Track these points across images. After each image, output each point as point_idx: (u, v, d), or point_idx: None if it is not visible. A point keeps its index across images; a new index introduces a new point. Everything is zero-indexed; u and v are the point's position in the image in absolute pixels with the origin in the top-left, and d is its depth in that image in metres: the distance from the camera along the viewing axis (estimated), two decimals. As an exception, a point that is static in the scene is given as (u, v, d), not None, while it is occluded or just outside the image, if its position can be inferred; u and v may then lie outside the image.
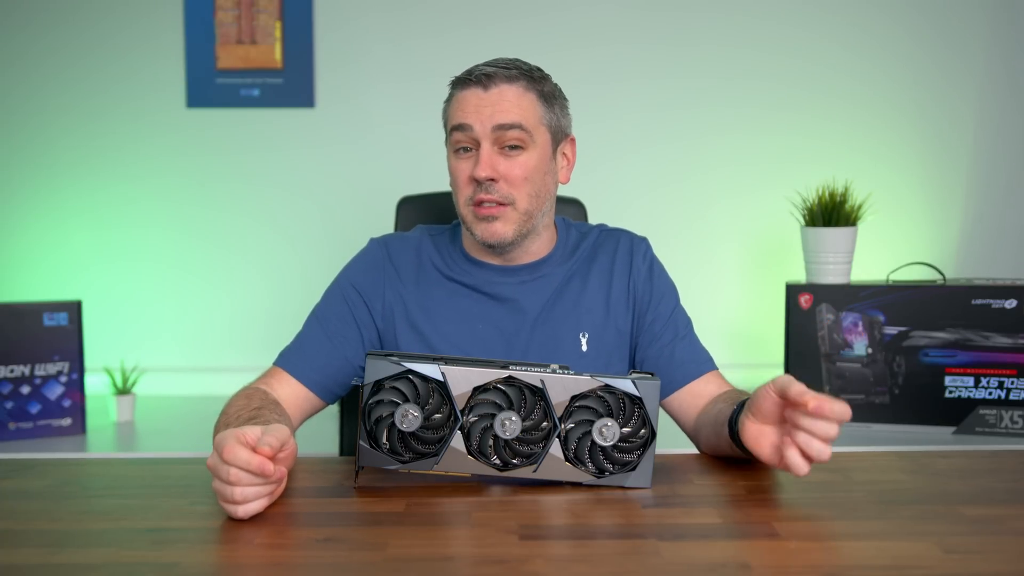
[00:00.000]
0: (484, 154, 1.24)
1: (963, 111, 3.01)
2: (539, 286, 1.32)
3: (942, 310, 2.41)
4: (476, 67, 1.28)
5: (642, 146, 3.00)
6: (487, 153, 1.24)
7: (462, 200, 1.28)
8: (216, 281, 2.99)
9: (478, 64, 1.29)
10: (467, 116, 1.24)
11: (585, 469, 1.01)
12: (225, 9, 2.92)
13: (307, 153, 2.97)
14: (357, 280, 1.33)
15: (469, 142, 1.26)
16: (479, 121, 1.24)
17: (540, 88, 1.29)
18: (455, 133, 1.26)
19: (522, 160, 1.26)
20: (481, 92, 1.25)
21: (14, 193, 2.96)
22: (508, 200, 1.26)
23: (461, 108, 1.26)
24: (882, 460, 1.13)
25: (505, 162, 1.25)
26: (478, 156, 1.25)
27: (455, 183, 1.28)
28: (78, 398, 2.43)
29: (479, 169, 1.24)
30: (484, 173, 1.23)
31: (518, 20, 2.95)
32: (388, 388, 0.99)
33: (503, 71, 1.26)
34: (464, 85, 1.27)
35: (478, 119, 1.24)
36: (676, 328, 1.34)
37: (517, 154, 1.26)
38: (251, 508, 0.90)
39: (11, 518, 0.92)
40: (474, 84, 1.26)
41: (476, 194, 1.25)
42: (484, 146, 1.25)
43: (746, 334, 2.99)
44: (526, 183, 1.26)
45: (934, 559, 0.80)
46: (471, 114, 1.24)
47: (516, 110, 1.26)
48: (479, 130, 1.24)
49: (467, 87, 1.26)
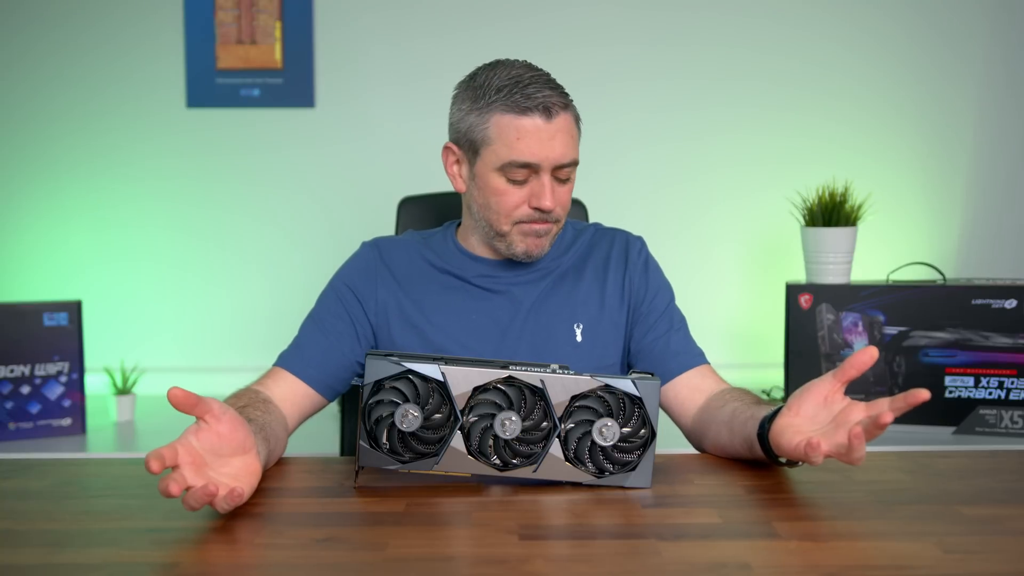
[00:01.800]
0: (548, 187, 1.24)
1: (963, 111, 3.01)
2: (533, 279, 1.34)
3: (942, 310, 2.41)
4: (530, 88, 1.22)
5: (642, 146, 2.99)
6: (550, 185, 1.24)
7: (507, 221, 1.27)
8: (216, 281, 2.99)
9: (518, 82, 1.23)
10: (535, 155, 1.22)
11: (585, 469, 1.01)
12: (225, 9, 2.92)
13: (307, 153, 2.97)
14: (350, 280, 1.34)
15: (529, 174, 1.25)
16: (546, 159, 1.23)
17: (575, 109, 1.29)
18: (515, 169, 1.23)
19: (570, 187, 1.29)
20: (543, 123, 1.22)
21: (14, 193, 2.96)
22: (555, 220, 1.28)
23: (525, 143, 1.21)
24: (882, 460, 1.13)
25: (559, 188, 1.27)
26: (538, 184, 1.24)
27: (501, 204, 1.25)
28: (78, 398, 2.43)
29: (546, 201, 1.23)
30: (550, 204, 1.24)
31: (518, 20, 2.95)
32: (388, 388, 0.99)
33: (559, 98, 1.23)
34: (522, 112, 1.22)
35: (545, 156, 1.22)
36: (671, 321, 1.35)
37: (567, 182, 1.29)
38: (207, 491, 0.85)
39: (11, 518, 0.92)
40: (535, 113, 1.22)
41: (531, 219, 1.26)
42: (546, 178, 1.24)
43: (746, 334, 2.99)
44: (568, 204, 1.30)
45: (933, 559, 0.80)
46: (537, 151, 1.22)
47: (573, 143, 1.25)
48: (544, 167, 1.24)
49: (528, 115, 1.21)
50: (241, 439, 0.95)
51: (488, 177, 1.25)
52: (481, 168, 1.26)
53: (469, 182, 1.29)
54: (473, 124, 1.25)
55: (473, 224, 1.33)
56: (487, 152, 1.24)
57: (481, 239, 1.34)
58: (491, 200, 1.26)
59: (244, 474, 0.93)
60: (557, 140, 1.22)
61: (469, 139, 1.26)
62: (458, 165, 1.31)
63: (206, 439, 0.92)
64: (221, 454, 0.93)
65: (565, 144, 1.23)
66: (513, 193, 1.25)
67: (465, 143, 1.27)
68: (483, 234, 1.31)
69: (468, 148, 1.27)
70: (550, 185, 1.24)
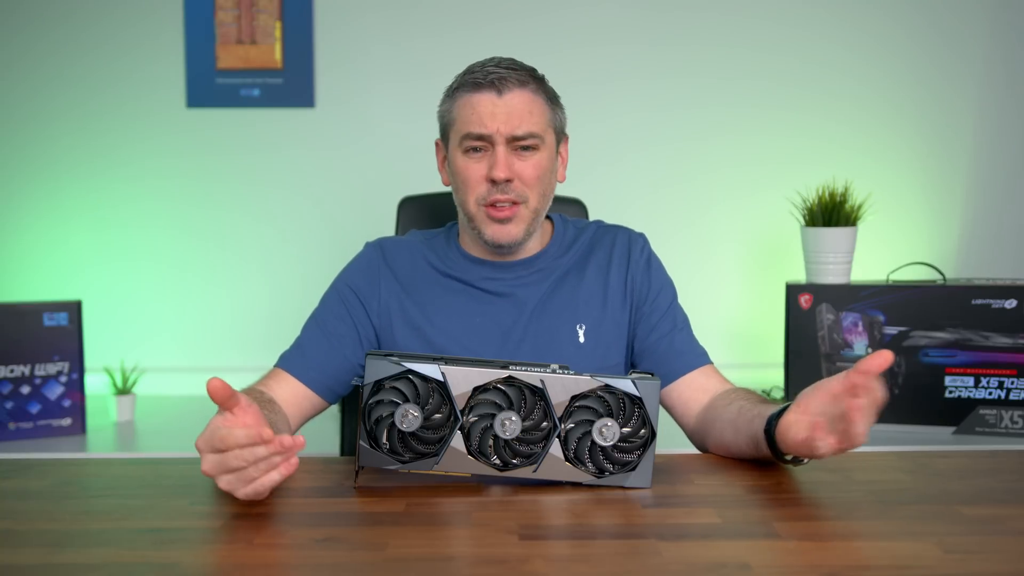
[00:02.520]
0: (501, 156, 1.25)
1: (963, 111, 3.01)
2: (535, 280, 1.33)
3: (942, 310, 2.41)
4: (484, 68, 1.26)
5: (642, 146, 2.99)
6: (503, 155, 1.25)
7: (472, 199, 1.28)
8: (216, 281, 2.99)
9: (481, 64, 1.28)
10: (484, 125, 1.24)
11: (585, 469, 1.01)
12: (225, 9, 2.92)
13: (307, 153, 2.97)
14: (353, 281, 1.34)
15: (483, 144, 1.26)
16: (496, 129, 1.24)
17: (546, 90, 1.30)
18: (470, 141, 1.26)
19: (535, 160, 1.28)
20: (495, 97, 1.25)
21: (14, 193, 2.96)
22: (522, 199, 1.27)
23: (476, 115, 1.24)
24: (882, 460, 1.13)
25: (519, 162, 1.26)
26: (493, 156, 1.25)
27: (464, 183, 1.28)
28: (78, 398, 2.43)
29: (497, 170, 1.24)
30: (503, 174, 1.24)
31: (518, 20, 2.95)
32: (388, 388, 0.99)
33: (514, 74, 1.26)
34: (475, 88, 1.25)
35: (495, 127, 1.24)
36: (674, 320, 1.34)
37: (531, 155, 1.28)
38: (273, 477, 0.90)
39: (11, 518, 0.92)
40: (487, 88, 1.25)
41: (491, 194, 1.26)
42: (500, 148, 1.25)
43: (746, 334, 2.99)
44: (538, 183, 1.28)
45: (934, 559, 0.80)
46: (488, 122, 1.24)
47: (530, 117, 1.27)
48: (496, 138, 1.25)
49: (479, 90, 1.25)
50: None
51: (455, 157, 1.29)
52: (451, 152, 1.31)
53: (449, 172, 1.32)
54: (444, 112, 1.31)
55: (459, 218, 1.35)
56: (452, 133, 1.29)
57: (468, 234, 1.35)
58: (458, 181, 1.30)
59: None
60: (512, 113, 1.25)
61: (443, 127, 1.32)
62: (443, 161, 1.34)
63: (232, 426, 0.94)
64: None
65: (520, 117, 1.25)
66: (472, 168, 1.27)
67: (443, 133, 1.33)
68: (465, 225, 1.33)
69: (444, 137, 1.33)
70: (503, 156, 1.25)
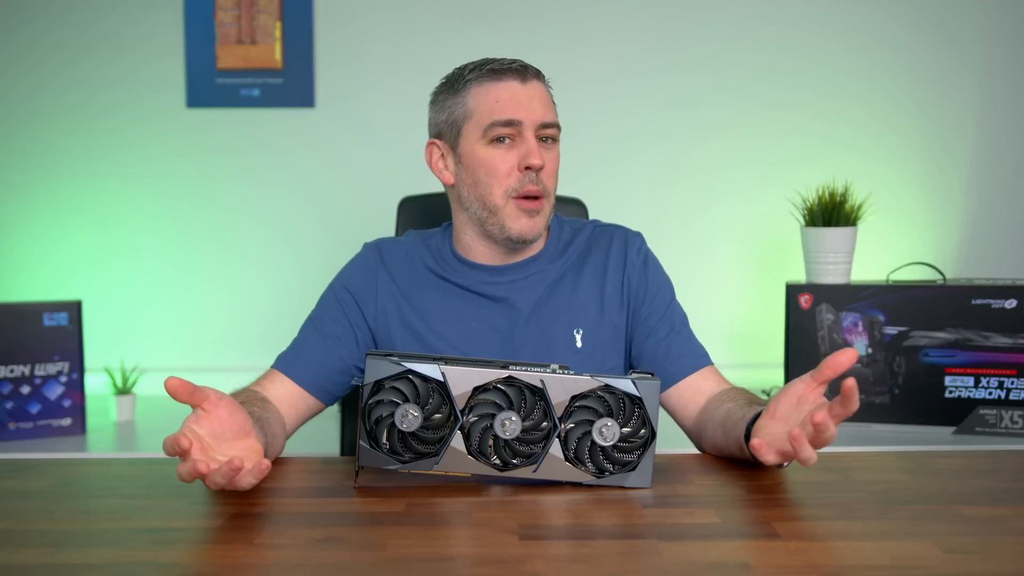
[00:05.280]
0: (533, 142, 1.24)
1: (963, 111, 3.01)
2: (531, 284, 1.32)
3: (942, 310, 2.41)
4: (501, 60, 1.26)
5: (642, 146, 2.99)
6: (535, 143, 1.24)
7: (500, 192, 1.25)
8: (216, 281, 2.99)
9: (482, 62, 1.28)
10: (516, 111, 1.23)
11: (585, 469, 1.01)
12: (225, 9, 2.92)
13: (307, 153, 2.97)
14: (350, 283, 1.33)
15: (513, 133, 1.25)
16: (528, 115, 1.24)
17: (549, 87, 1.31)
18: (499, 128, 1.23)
19: (556, 153, 1.28)
20: (519, 85, 1.24)
21: (14, 193, 2.96)
22: (547, 192, 1.27)
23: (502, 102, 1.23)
24: (882, 460, 1.13)
25: (546, 154, 1.26)
26: (523, 145, 1.24)
27: (490, 174, 1.25)
28: (78, 398, 2.43)
29: (533, 157, 1.22)
30: (539, 160, 1.23)
31: (518, 20, 2.95)
32: (388, 388, 0.99)
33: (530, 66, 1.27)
34: (495, 77, 1.24)
35: (525, 113, 1.23)
36: (672, 322, 1.33)
37: (552, 146, 1.28)
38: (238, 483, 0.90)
39: (11, 518, 0.92)
40: (510, 76, 1.24)
41: (523, 184, 1.24)
42: (530, 135, 1.24)
43: (746, 334, 2.99)
44: (555, 177, 1.29)
45: (934, 559, 0.80)
46: (519, 109, 1.23)
47: (552, 109, 1.28)
48: (527, 124, 1.24)
49: (501, 79, 1.24)
50: (240, 422, 0.98)
51: (475, 150, 1.25)
52: (466, 146, 1.26)
53: (456, 169, 1.29)
54: (452, 107, 1.27)
55: (466, 218, 1.30)
56: (469, 126, 1.25)
57: (475, 232, 1.30)
58: (480, 173, 1.25)
59: (250, 455, 0.95)
60: (535, 101, 1.24)
61: (450, 123, 1.28)
62: (443, 160, 1.31)
63: (207, 425, 0.94)
64: (224, 438, 0.95)
65: (544, 105, 1.25)
66: (501, 158, 1.24)
67: (447, 130, 1.28)
68: (476, 221, 1.28)
69: (450, 134, 1.28)
70: (535, 143, 1.24)
